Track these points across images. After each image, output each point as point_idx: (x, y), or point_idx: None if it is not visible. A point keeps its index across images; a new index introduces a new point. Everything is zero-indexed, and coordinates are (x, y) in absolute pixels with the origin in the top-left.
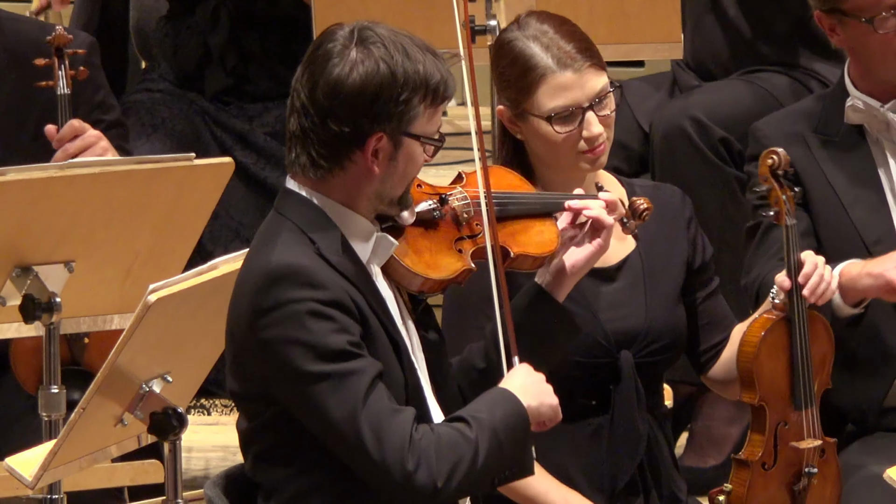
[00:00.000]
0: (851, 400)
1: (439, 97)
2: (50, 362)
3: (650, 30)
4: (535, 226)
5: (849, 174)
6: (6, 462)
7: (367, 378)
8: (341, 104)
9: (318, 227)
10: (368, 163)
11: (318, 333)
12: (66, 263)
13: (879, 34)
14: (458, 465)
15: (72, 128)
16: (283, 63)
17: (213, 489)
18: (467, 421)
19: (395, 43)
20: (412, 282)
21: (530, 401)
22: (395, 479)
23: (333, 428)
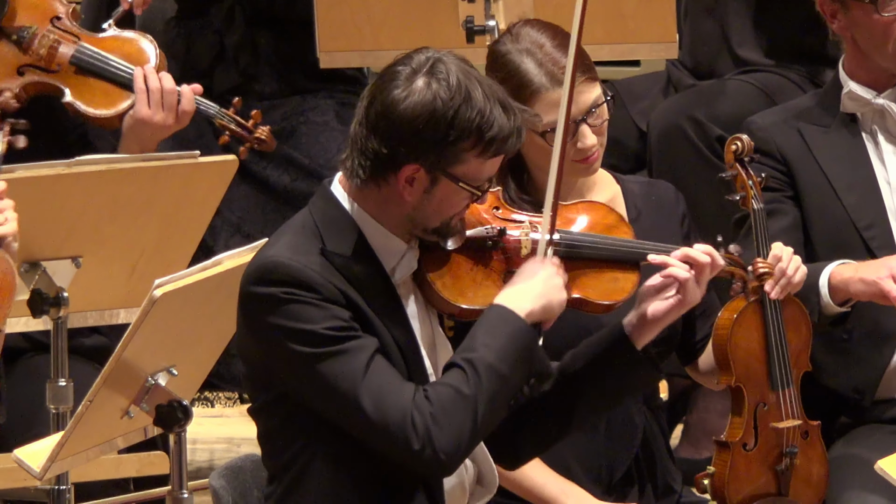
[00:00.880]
0: (847, 383)
1: (491, 150)
2: (57, 356)
3: (646, 30)
4: (612, 273)
5: (842, 161)
6: (15, 453)
7: (365, 355)
8: (387, 126)
9: (336, 228)
10: (400, 188)
11: (310, 320)
12: (74, 259)
13: (882, 17)
14: (462, 429)
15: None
16: (290, 64)
17: (218, 480)
18: (463, 368)
19: (461, 84)
20: (441, 305)
21: (532, 304)
22: (404, 454)
23: (337, 406)
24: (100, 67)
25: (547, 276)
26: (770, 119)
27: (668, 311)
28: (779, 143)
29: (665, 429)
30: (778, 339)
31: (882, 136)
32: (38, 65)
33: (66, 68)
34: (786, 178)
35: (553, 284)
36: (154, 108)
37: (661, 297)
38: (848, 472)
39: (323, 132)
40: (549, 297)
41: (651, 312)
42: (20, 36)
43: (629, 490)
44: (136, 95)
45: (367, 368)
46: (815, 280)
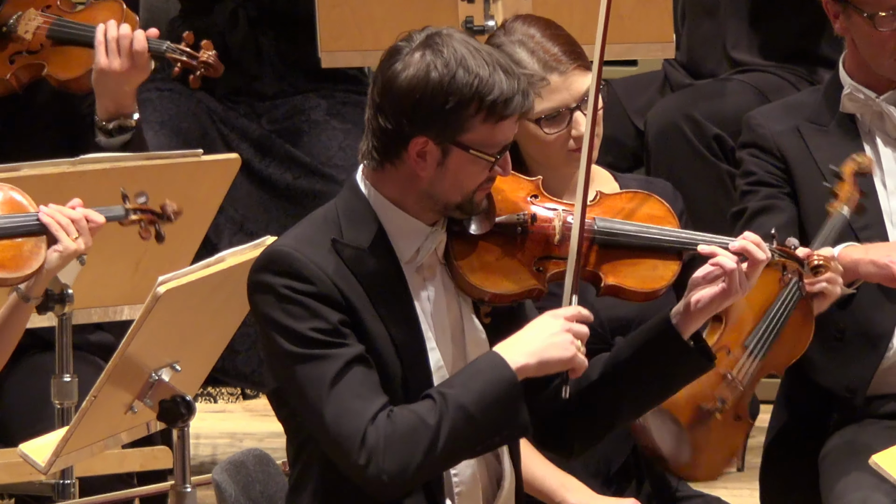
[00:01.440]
0: (839, 382)
1: (497, 113)
2: (62, 352)
3: (643, 30)
4: (651, 262)
5: (840, 162)
6: (20, 448)
7: (339, 363)
8: (389, 101)
9: (356, 217)
10: (413, 164)
11: (295, 318)
12: (78, 256)
13: (878, 31)
14: (412, 457)
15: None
16: (292, 64)
17: (221, 474)
18: (434, 399)
19: (457, 51)
20: (470, 290)
21: (527, 358)
22: (351, 468)
23: (304, 408)
24: (71, 34)
25: (553, 332)
26: (770, 115)
27: (711, 299)
28: (778, 140)
29: None
30: (780, 315)
31: (880, 138)
32: (24, 49)
33: (45, 45)
34: (784, 174)
35: (556, 342)
36: (111, 55)
37: (707, 286)
38: (843, 468)
39: (324, 131)
40: (547, 354)
41: (695, 300)
42: (8, 27)
43: (627, 484)
44: (96, 48)
45: (339, 377)
46: None
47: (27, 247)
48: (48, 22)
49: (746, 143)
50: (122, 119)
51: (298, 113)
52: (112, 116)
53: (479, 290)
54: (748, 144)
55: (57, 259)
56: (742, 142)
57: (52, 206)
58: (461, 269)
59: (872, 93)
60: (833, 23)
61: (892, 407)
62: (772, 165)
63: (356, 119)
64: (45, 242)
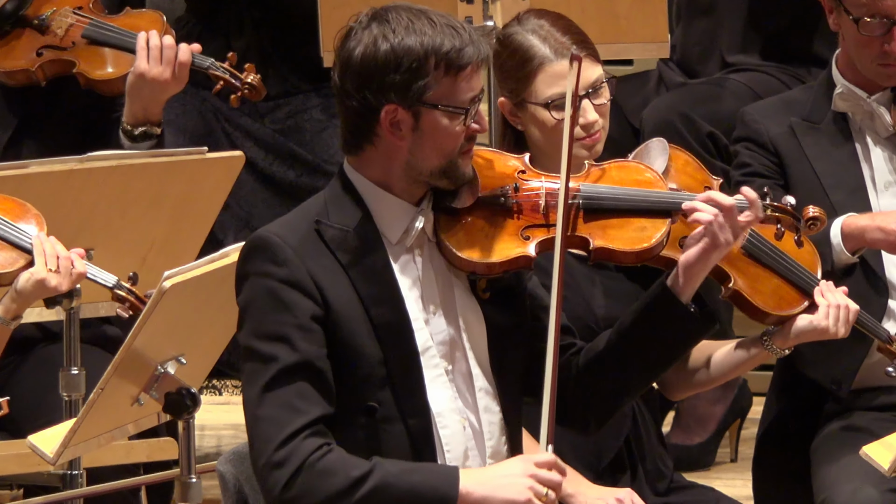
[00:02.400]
0: (825, 373)
1: (454, 64)
2: (70, 345)
3: (639, 30)
4: (638, 223)
5: (831, 159)
6: (29, 439)
7: (275, 368)
8: (349, 79)
9: (342, 203)
10: (390, 136)
11: (261, 309)
12: (86, 251)
13: (861, 35)
14: (313, 494)
15: None
16: (295, 65)
17: (225, 465)
18: (371, 464)
19: (402, 18)
20: (460, 264)
21: (475, 488)
22: (257, 467)
23: (244, 401)
24: (108, 36)
25: (514, 473)
26: (764, 111)
27: (698, 256)
28: (772, 135)
29: (657, 415)
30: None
31: (870, 137)
32: (54, 44)
33: (79, 43)
34: (777, 168)
35: (511, 483)
36: (152, 62)
37: (693, 245)
38: (833, 459)
39: (326, 129)
40: (497, 492)
41: (683, 259)
42: (40, 21)
43: (620, 476)
44: (137, 53)
45: (279, 380)
46: (825, 231)
47: (9, 254)
48: (82, 22)
49: (741, 138)
50: (148, 126)
51: (300, 112)
52: (139, 122)
53: (469, 262)
54: (743, 139)
55: (26, 281)
56: (737, 136)
57: (52, 239)
58: (449, 243)
59: (864, 93)
60: (828, 17)
61: (881, 399)
62: (766, 159)
63: None
64: (25, 262)
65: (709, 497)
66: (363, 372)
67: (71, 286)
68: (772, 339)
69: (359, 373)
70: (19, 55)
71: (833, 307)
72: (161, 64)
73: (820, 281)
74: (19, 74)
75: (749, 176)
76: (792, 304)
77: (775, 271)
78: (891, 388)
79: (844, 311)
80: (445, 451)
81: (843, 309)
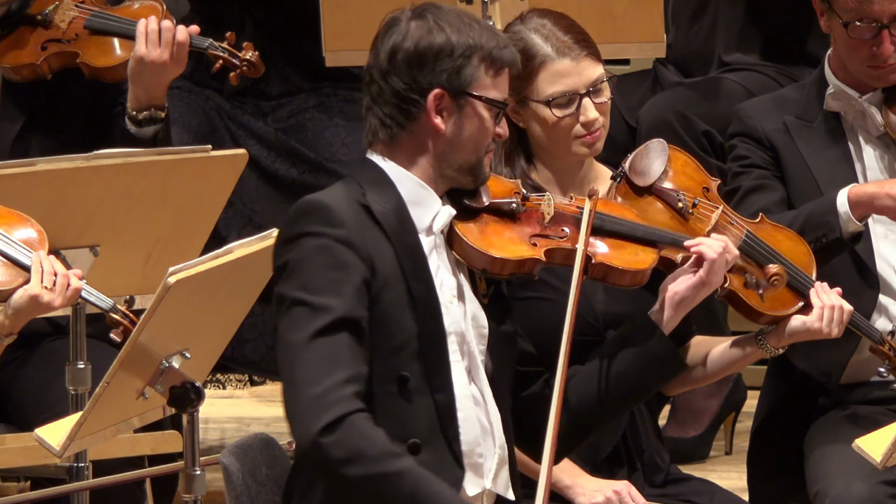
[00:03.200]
0: (815, 365)
1: (497, 61)
2: (76, 339)
3: (635, 30)
4: (633, 247)
5: (824, 156)
6: (36, 432)
7: (329, 318)
8: (399, 64)
9: (377, 186)
10: (433, 120)
11: (316, 265)
12: (92, 248)
13: (850, 38)
14: (349, 445)
15: None
16: (297, 65)
17: (228, 457)
18: (401, 454)
19: (449, 15)
20: (474, 257)
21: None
22: (296, 404)
23: (282, 352)
24: (109, 25)
25: None
26: (759, 107)
27: (687, 289)
28: (767, 130)
29: (654, 409)
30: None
31: (862, 136)
32: (57, 38)
33: (81, 34)
34: (774, 161)
35: None
36: (151, 45)
37: (682, 277)
38: (827, 453)
39: (328, 128)
40: None
41: (672, 291)
42: (44, 16)
43: (618, 469)
44: (137, 38)
45: (324, 332)
46: (829, 202)
47: (8, 271)
48: (84, 13)
49: (737, 133)
50: (152, 111)
51: (302, 111)
52: (143, 107)
53: (481, 254)
54: (739, 134)
55: (20, 297)
56: (733, 132)
57: (51, 258)
58: (464, 234)
59: (855, 93)
60: (819, 19)
61: (874, 394)
62: (763, 153)
63: (358, 116)
64: (24, 280)
65: (704, 489)
66: (398, 342)
67: (64, 304)
68: (766, 338)
69: (394, 342)
70: (25, 51)
71: (827, 308)
72: (160, 46)
73: (815, 282)
74: (25, 69)
75: (747, 167)
76: (786, 304)
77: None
78: (883, 383)
79: (839, 312)
80: (460, 433)
81: (836, 310)
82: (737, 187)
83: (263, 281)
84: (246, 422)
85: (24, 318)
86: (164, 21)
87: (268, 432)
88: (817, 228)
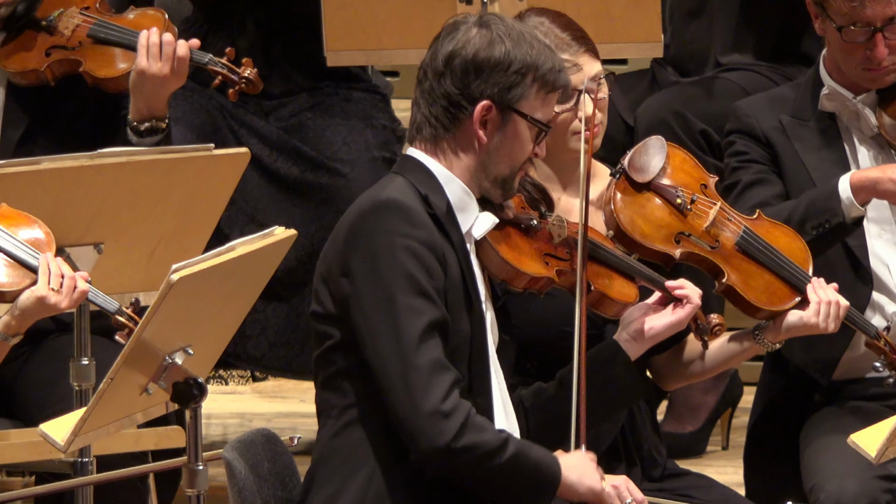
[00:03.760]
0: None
1: (550, 83)
2: (80, 336)
3: (633, 30)
4: (620, 279)
5: (820, 154)
6: (40, 428)
7: (426, 320)
8: (455, 68)
9: (428, 186)
10: (476, 129)
11: (403, 264)
12: (96, 245)
13: (844, 42)
14: (478, 445)
15: None
16: (298, 65)
17: (231, 452)
18: (505, 433)
19: (512, 30)
20: (500, 268)
21: (570, 475)
22: (420, 413)
23: (381, 355)
24: (112, 35)
25: (587, 464)
26: (755, 105)
27: (665, 328)
28: (764, 128)
29: (653, 405)
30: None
31: (856, 136)
32: (61, 44)
33: (85, 42)
34: (771, 158)
35: (588, 473)
36: (152, 59)
37: (657, 315)
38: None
39: (329, 127)
40: (581, 480)
41: (649, 327)
42: (48, 22)
43: (616, 464)
44: (138, 51)
45: (426, 335)
46: (831, 188)
47: (16, 272)
48: (88, 22)
49: (735, 130)
50: (153, 121)
51: (304, 110)
52: (144, 118)
53: (506, 263)
54: (736, 131)
55: (27, 298)
56: (730, 129)
57: (58, 260)
58: (495, 244)
59: (850, 93)
60: (814, 22)
61: (870, 390)
62: (761, 150)
63: (359, 115)
64: (31, 281)
65: (701, 483)
66: (455, 344)
67: (71, 306)
68: (763, 334)
69: (452, 344)
70: (29, 56)
71: (824, 303)
72: (160, 60)
73: (811, 278)
74: (30, 75)
75: (746, 162)
76: (783, 299)
77: (768, 268)
78: (878, 379)
79: (835, 308)
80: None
81: (833, 305)
82: (736, 181)
83: (266, 278)
84: (248, 417)
85: (31, 318)
86: (165, 34)
87: (269, 427)
88: (820, 214)
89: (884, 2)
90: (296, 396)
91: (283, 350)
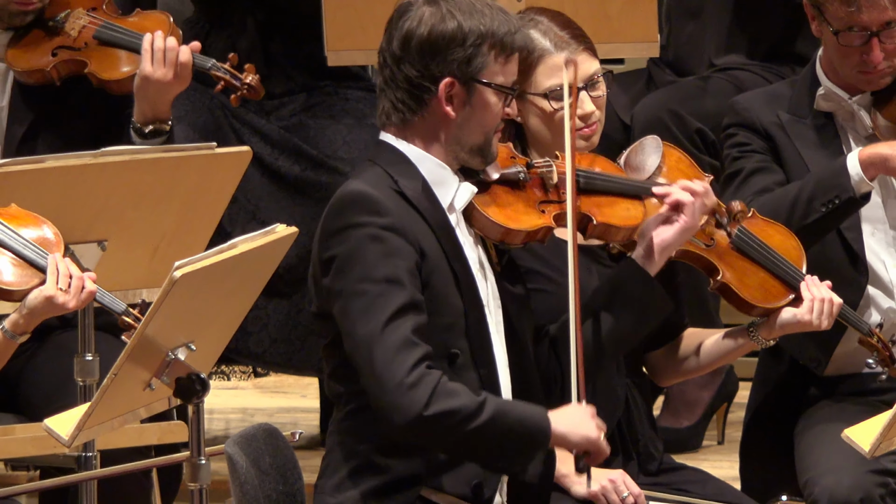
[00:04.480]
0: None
1: (508, 47)
2: (84, 332)
3: (630, 30)
4: (623, 203)
5: (818, 149)
6: (45, 423)
7: (395, 304)
8: (412, 51)
9: (401, 170)
10: (443, 107)
11: (368, 254)
12: (100, 242)
13: (841, 45)
14: (452, 410)
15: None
16: (298, 65)
17: (233, 447)
18: (485, 394)
19: (462, 1)
20: (493, 231)
21: (561, 427)
22: (387, 389)
23: (355, 344)
24: (117, 38)
25: (580, 414)
26: (753, 100)
27: (674, 235)
28: (763, 122)
29: (649, 400)
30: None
31: (851, 136)
32: (67, 45)
33: (90, 44)
34: (771, 151)
35: (582, 422)
36: (156, 65)
37: (666, 225)
38: (816, 444)
39: (329, 126)
40: (574, 428)
41: (660, 239)
42: (55, 22)
43: (613, 458)
44: (142, 55)
45: (394, 318)
46: (838, 165)
47: (25, 271)
48: (95, 23)
49: (734, 124)
50: (157, 124)
51: (305, 110)
52: (148, 120)
53: (500, 227)
54: (736, 124)
55: (35, 298)
56: (729, 122)
57: (66, 260)
58: (481, 207)
59: (845, 94)
60: (811, 23)
61: (864, 385)
62: (762, 142)
63: (359, 114)
64: (39, 281)
65: (697, 478)
66: (447, 321)
67: (78, 306)
68: (758, 330)
69: (444, 321)
70: (36, 55)
71: (817, 301)
72: (164, 66)
73: (805, 275)
74: (36, 74)
75: (747, 152)
76: (777, 297)
77: (762, 265)
78: (872, 375)
79: (828, 305)
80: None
81: (826, 302)
82: (739, 170)
83: (267, 275)
84: (250, 412)
85: (39, 318)
86: (169, 39)
87: (271, 422)
88: (829, 191)
89: (880, 7)
90: (297, 392)
91: (284, 346)
